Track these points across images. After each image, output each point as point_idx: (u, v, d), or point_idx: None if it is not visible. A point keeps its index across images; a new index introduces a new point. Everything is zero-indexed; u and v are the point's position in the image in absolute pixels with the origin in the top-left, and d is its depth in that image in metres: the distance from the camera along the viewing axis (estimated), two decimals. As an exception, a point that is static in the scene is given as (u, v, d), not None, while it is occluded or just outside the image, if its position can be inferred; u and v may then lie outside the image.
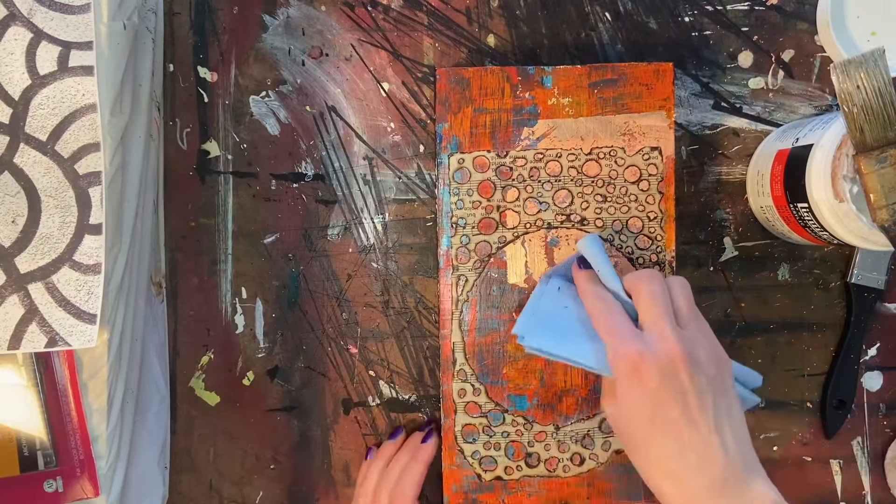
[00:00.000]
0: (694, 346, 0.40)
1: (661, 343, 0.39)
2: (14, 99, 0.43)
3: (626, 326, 0.41)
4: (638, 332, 0.40)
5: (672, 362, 0.39)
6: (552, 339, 0.44)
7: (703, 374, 0.39)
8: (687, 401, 0.38)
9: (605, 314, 0.42)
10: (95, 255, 0.43)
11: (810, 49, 0.52)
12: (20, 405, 0.45)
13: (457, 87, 0.50)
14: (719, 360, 0.41)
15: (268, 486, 0.54)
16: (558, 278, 0.47)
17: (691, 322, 0.41)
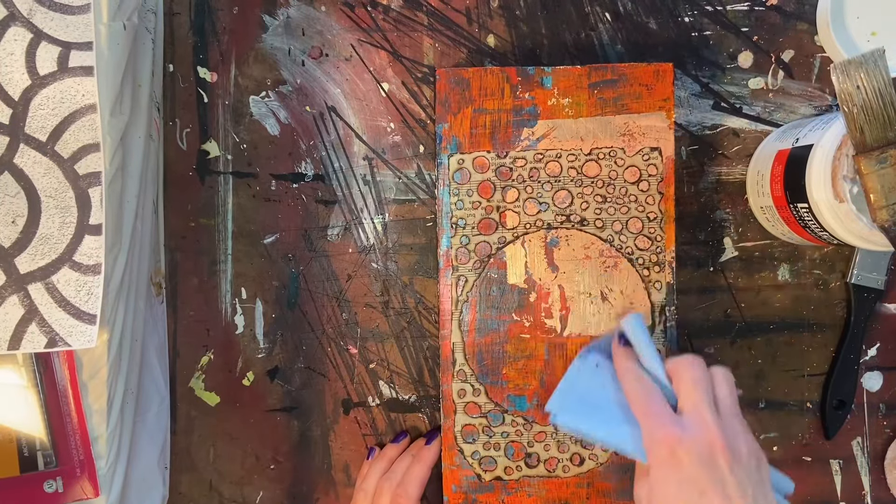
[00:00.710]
0: (735, 437, 0.39)
1: (701, 429, 0.38)
2: (14, 99, 0.43)
3: (665, 410, 0.40)
4: (677, 417, 0.39)
5: (712, 450, 0.38)
6: (586, 419, 0.43)
7: (742, 466, 0.38)
8: (727, 491, 0.37)
9: (644, 397, 0.41)
10: (95, 255, 0.43)
11: (810, 49, 0.52)
12: (20, 405, 0.45)
13: (457, 87, 0.50)
14: (759, 456, 0.40)
15: (268, 487, 0.54)
16: (597, 354, 0.46)
17: (732, 414, 0.40)
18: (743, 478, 0.38)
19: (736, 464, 0.38)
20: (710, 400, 0.40)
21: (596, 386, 0.44)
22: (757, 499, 0.38)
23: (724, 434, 0.38)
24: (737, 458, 0.38)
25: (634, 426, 0.41)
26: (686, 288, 0.52)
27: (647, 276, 0.49)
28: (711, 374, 0.42)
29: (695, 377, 0.41)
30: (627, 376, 0.43)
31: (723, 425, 0.39)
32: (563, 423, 0.43)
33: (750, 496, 0.38)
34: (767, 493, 0.39)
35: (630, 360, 0.43)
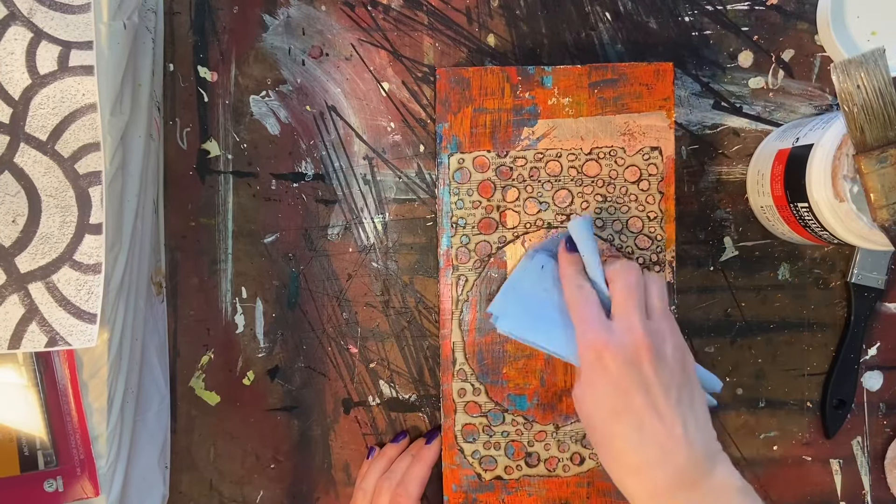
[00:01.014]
0: (661, 339, 0.40)
1: (628, 333, 0.40)
2: (14, 98, 0.43)
3: (597, 316, 0.41)
4: (608, 323, 0.41)
5: (637, 352, 0.39)
6: (526, 323, 0.45)
7: (668, 367, 0.40)
8: (650, 391, 0.39)
9: (580, 303, 0.42)
10: (95, 254, 0.43)
11: (810, 49, 0.52)
12: (20, 405, 0.45)
13: (457, 86, 0.50)
14: (684, 355, 0.41)
15: (268, 486, 0.54)
16: (544, 254, 0.47)
17: (662, 318, 0.41)
18: (667, 379, 0.39)
19: (660, 366, 0.39)
20: (642, 305, 0.41)
21: (539, 289, 0.46)
22: (681, 398, 0.39)
23: (650, 337, 0.39)
24: (661, 360, 0.39)
25: (572, 331, 0.43)
26: (686, 287, 0.52)
27: (647, 276, 0.49)
28: (646, 280, 0.43)
29: (628, 283, 0.42)
30: (568, 282, 0.44)
31: (650, 329, 0.40)
32: (505, 329, 0.45)
33: (673, 397, 0.39)
34: (693, 392, 0.40)
35: (573, 266, 0.44)
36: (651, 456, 0.38)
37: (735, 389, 0.53)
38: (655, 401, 0.39)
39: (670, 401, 0.39)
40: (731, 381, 0.53)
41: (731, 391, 0.53)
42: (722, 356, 0.53)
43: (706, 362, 0.53)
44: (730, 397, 0.53)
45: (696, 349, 0.53)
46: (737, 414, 0.53)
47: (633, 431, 0.39)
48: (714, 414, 0.50)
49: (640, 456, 0.39)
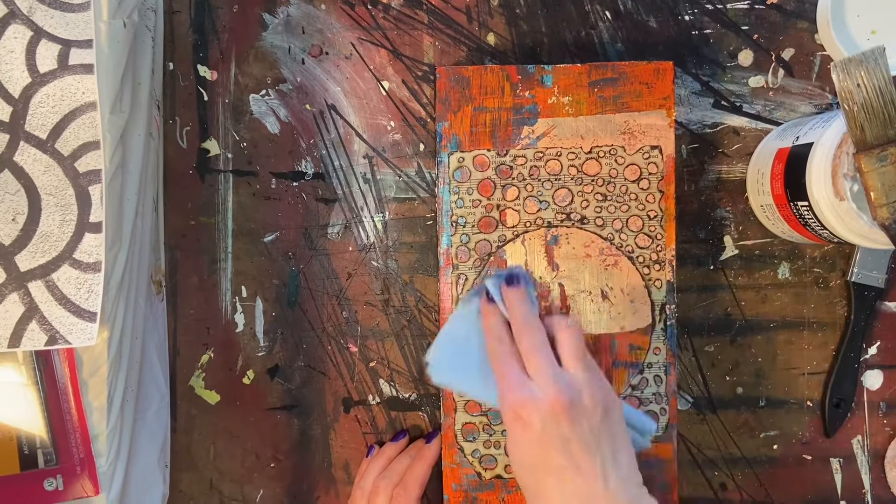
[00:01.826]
0: (577, 392, 0.39)
1: (542, 390, 0.39)
2: (14, 97, 0.43)
3: (516, 374, 0.40)
4: (525, 380, 0.40)
5: (553, 409, 0.38)
6: (457, 374, 0.44)
7: (587, 420, 0.39)
8: (569, 448, 0.38)
9: (500, 358, 0.41)
10: (95, 253, 0.43)
11: (810, 48, 0.52)
12: (20, 403, 0.45)
13: (457, 85, 0.50)
14: (605, 403, 0.40)
15: (268, 485, 0.54)
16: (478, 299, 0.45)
17: (577, 367, 0.40)
18: (585, 433, 0.39)
19: (577, 420, 0.39)
20: (550, 359, 0.40)
21: (472, 336, 0.44)
22: (601, 450, 0.39)
23: (565, 392, 0.39)
24: (579, 414, 0.39)
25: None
26: (686, 286, 0.52)
27: (647, 275, 0.49)
28: (554, 329, 0.42)
29: (533, 343, 0.41)
30: (489, 335, 0.43)
31: (565, 382, 0.39)
32: (436, 381, 0.44)
33: (594, 450, 0.39)
34: (615, 441, 0.40)
35: (493, 316, 0.44)
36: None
37: (735, 389, 0.53)
38: (574, 457, 0.38)
39: (590, 455, 0.38)
40: (730, 381, 0.53)
41: (731, 391, 0.53)
42: (722, 355, 0.53)
43: (706, 362, 0.53)
44: (730, 397, 0.53)
45: (695, 348, 0.53)
46: (737, 413, 0.53)
47: (555, 487, 0.39)
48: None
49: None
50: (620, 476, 0.39)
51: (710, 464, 0.53)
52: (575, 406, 0.39)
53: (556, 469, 0.38)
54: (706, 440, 0.53)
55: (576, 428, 0.38)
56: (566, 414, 0.38)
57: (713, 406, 0.53)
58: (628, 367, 0.50)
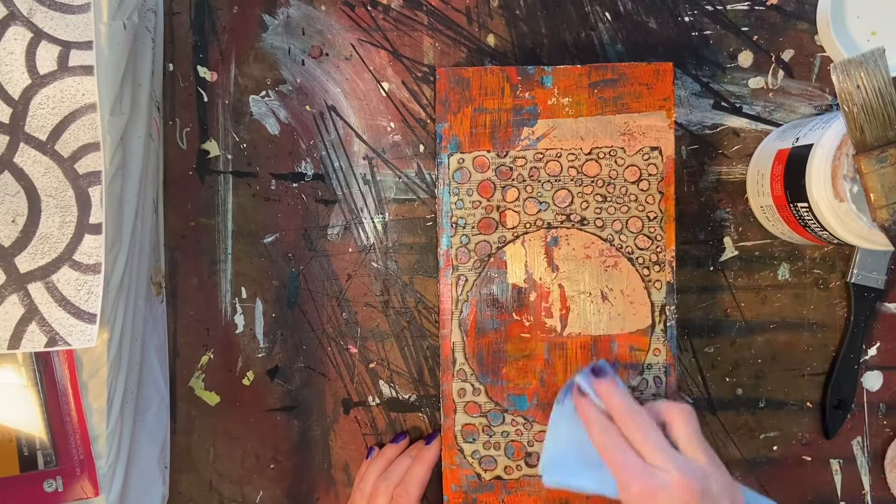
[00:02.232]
0: (704, 477, 0.39)
1: (671, 477, 0.38)
2: (14, 98, 0.43)
3: (633, 461, 0.40)
4: (647, 468, 0.39)
5: (684, 497, 0.38)
6: (572, 474, 0.44)
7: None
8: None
9: (611, 448, 0.41)
10: (95, 254, 0.43)
11: (810, 49, 0.52)
12: (20, 405, 0.45)
13: (457, 86, 0.50)
14: (732, 491, 0.40)
15: (268, 486, 0.54)
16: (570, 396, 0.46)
17: (699, 453, 0.40)
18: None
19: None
20: (667, 443, 0.40)
21: (574, 433, 0.44)
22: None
23: (695, 478, 0.38)
24: (709, 500, 0.38)
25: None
26: (686, 287, 0.52)
27: (647, 276, 0.49)
28: (669, 417, 0.42)
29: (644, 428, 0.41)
30: (592, 428, 0.42)
31: (692, 467, 0.39)
32: (551, 483, 0.44)
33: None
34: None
35: (592, 409, 0.43)
36: None
37: (735, 390, 0.53)
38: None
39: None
40: (730, 382, 0.53)
41: (731, 392, 0.53)
42: (722, 356, 0.53)
43: (706, 363, 0.53)
44: (730, 398, 0.53)
45: (695, 350, 0.53)
46: (737, 414, 0.53)
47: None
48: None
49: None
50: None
51: (709, 465, 0.53)
52: (705, 493, 0.38)
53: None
54: (706, 441, 0.53)
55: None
56: (698, 501, 0.38)
57: (713, 407, 0.53)
58: (628, 368, 0.50)
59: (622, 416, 0.42)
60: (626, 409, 0.42)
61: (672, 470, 0.39)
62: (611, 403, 0.43)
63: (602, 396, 0.43)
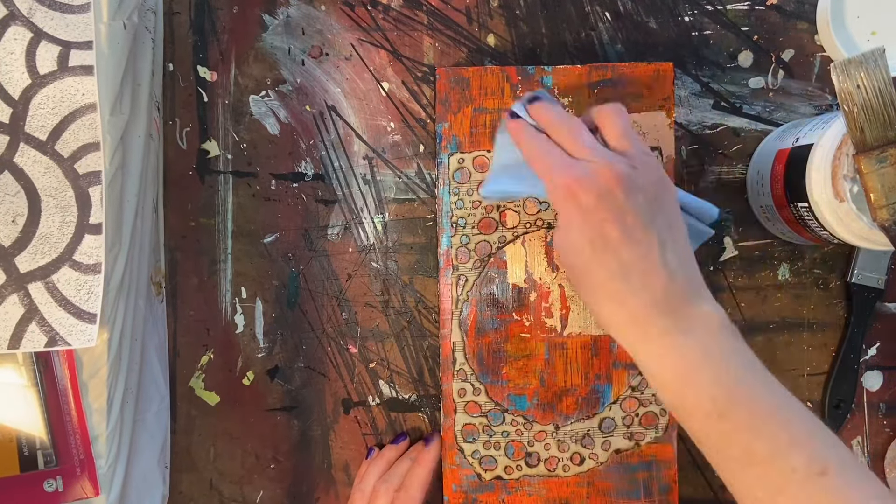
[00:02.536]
0: (630, 165, 0.39)
1: (594, 166, 0.38)
2: (14, 98, 0.43)
3: (560, 156, 0.40)
4: (572, 161, 0.39)
5: (607, 182, 0.38)
6: (507, 184, 0.44)
7: (642, 194, 0.38)
8: (625, 220, 0.37)
9: (539, 149, 0.41)
10: (95, 254, 0.43)
11: (810, 49, 0.52)
12: (20, 405, 0.45)
13: (457, 86, 0.50)
14: (660, 180, 0.39)
15: (268, 486, 0.54)
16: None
17: (626, 144, 0.40)
18: (642, 203, 0.38)
19: (633, 193, 0.38)
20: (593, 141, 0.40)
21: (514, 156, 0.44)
22: (657, 225, 0.38)
23: (618, 165, 0.38)
24: (634, 187, 0.38)
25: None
26: (686, 287, 0.52)
27: (647, 276, 0.49)
28: (593, 117, 0.41)
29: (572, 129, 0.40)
30: (522, 136, 0.42)
31: (616, 158, 0.39)
32: (484, 193, 0.45)
33: (650, 222, 0.38)
34: (670, 214, 0.39)
35: (523, 126, 0.42)
36: (631, 282, 0.37)
37: (735, 389, 0.53)
38: (630, 229, 0.37)
39: (647, 227, 0.37)
40: (730, 381, 0.53)
41: (731, 391, 0.53)
42: (722, 356, 0.53)
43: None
44: (730, 397, 0.53)
45: (695, 349, 0.53)
46: (737, 414, 0.53)
47: (611, 261, 0.38)
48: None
49: (619, 284, 0.38)
50: (677, 252, 0.38)
51: (709, 465, 0.53)
52: (630, 178, 0.38)
53: (611, 242, 0.37)
54: (706, 441, 0.53)
55: (630, 200, 0.37)
56: (621, 185, 0.37)
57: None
58: (628, 368, 0.50)
59: (552, 124, 0.41)
60: (556, 117, 0.41)
61: (596, 159, 0.38)
62: (542, 118, 0.42)
63: (534, 115, 0.42)
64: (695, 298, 0.38)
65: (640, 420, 0.50)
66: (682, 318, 0.38)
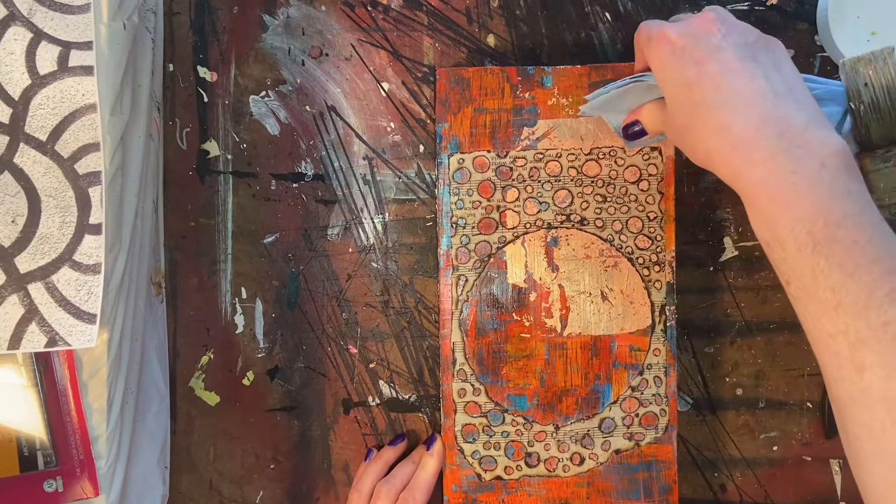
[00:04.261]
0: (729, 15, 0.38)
1: (687, 20, 0.38)
2: (14, 99, 0.43)
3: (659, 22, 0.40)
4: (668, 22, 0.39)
5: (701, 24, 0.37)
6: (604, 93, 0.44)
7: (740, 34, 0.36)
8: (722, 55, 0.35)
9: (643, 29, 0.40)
10: (95, 254, 0.43)
11: (810, 49, 0.52)
12: (20, 405, 0.45)
13: (457, 87, 0.50)
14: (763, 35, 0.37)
15: (268, 486, 0.54)
16: None
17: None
18: (741, 44, 0.36)
19: (730, 34, 0.36)
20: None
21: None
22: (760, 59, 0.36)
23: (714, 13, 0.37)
24: (732, 29, 0.37)
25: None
26: (686, 287, 0.52)
27: (647, 276, 0.49)
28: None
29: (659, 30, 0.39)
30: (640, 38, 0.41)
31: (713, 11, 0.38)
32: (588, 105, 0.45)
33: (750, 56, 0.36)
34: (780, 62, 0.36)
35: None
36: (733, 107, 0.35)
37: (735, 390, 0.53)
38: (729, 62, 0.35)
39: (746, 60, 0.35)
40: (730, 382, 0.53)
41: (731, 392, 0.53)
42: (722, 356, 0.53)
43: (706, 363, 0.53)
44: (730, 398, 0.53)
45: (695, 350, 0.53)
46: (736, 414, 0.53)
47: (712, 93, 0.35)
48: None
49: (721, 111, 0.35)
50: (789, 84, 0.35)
51: (710, 465, 0.53)
52: (726, 20, 0.37)
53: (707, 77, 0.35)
54: (706, 441, 0.53)
55: (728, 39, 0.36)
56: (716, 25, 0.36)
57: (713, 407, 0.53)
58: (628, 368, 0.50)
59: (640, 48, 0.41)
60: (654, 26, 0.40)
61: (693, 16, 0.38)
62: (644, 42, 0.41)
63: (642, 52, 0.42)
64: (811, 123, 0.34)
65: (640, 420, 0.50)
66: (792, 142, 0.33)
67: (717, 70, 0.35)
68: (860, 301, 0.31)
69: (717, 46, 0.36)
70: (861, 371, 0.31)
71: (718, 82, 0.35)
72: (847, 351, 0.31)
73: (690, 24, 0.37)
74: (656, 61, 0.38)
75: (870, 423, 0.31)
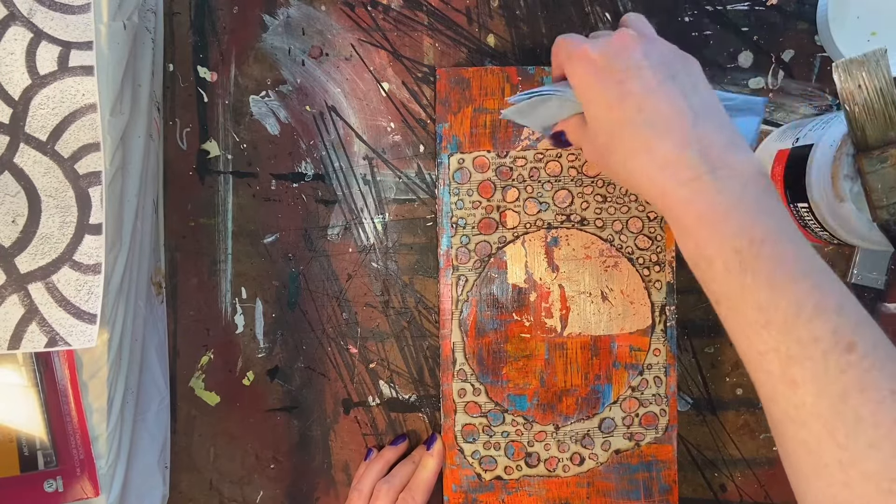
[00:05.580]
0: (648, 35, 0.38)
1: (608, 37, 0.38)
2: (14, 99, 0.43)
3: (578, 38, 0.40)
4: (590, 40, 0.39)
5: (620, 42, 0.37)
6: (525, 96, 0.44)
7: (658, 54, 0.37)
8: (642, 74, 0.36)
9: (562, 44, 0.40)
10: (95, 255, 0.43)
11: (810, 49, 0.52)
12: (20, 405, 0.45)
13: (457, 87, 0.50)
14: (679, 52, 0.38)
15: (268, 486, 0.54)
16: None
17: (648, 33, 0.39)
18: (659, 63, 0.37)
19: (649, 53, 0.37)
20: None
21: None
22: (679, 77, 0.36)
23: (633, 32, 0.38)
24: (651, 48, 0.37)
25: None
26: (686, 287, 0.52)
27: (647, 276, 0.49)
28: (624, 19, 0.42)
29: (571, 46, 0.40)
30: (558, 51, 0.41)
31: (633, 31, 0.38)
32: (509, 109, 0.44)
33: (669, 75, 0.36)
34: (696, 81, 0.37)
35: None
36: (656, 127, 0.35)
37: (735, 390, 0.53)
38: (649, 81, 0.36)
39: (667, 80, 0.36)
40: (730, 382, 0.53)
41: (731, 392, 0.53)
42: (722, 356, 0.53)
43: (706, 363, 0.53)
44: (730, 398, 0.53)
45: (695, 350, 0.53)
46: (737, 414, 0.53)
47: (634, 114, 0.36)
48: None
49: (645, 131, 0.36)
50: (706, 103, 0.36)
51: (710, 465, 0.53)
52: (644, 40, 0.37)
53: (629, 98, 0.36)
54: (706, 441, 0.53)
55: (647, 59, 0.36)
56: (635, 44, 0.37)
57: (713, 407, 0.53)
58: (628, 368, 0.50)
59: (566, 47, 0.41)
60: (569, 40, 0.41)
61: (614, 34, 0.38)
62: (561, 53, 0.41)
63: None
64: (729, 146, 0.35)
65: (640, 420, 0.50)
66: (715, 163, 0.34)
67: (638, 90, 0.36)
68: (789, 317, 0.31)
69: (637, 65, 0.36)
70: (794, 388, 0.31)
71: (640, 102, 0.36)
72: (779, 369, 0.32)
73: (610, 44, 0.38)
74: (577, 80, 0.39)
75: (806, 439, 0.31)
